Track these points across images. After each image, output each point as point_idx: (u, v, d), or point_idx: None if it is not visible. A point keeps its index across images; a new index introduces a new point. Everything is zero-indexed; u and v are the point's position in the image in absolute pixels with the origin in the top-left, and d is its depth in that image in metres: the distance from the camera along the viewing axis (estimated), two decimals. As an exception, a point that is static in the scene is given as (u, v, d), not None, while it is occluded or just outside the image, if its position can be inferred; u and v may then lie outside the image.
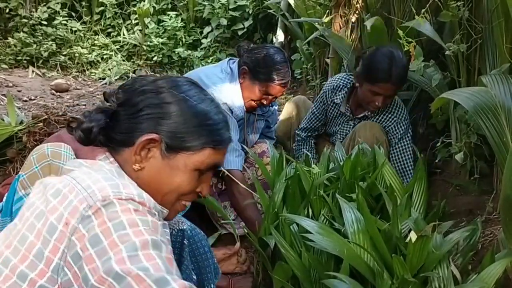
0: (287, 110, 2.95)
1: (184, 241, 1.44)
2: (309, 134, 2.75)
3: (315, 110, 2.71)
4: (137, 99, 1.09)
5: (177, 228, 1.44)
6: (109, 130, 1.09)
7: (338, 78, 2.69)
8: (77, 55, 5.36)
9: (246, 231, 1.96)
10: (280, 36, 4.82)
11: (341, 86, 2.64)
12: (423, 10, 2.10)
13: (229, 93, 2.27)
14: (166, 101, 1.08)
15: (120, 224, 0.89)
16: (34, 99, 4.25)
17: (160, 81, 1.12)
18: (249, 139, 2.48)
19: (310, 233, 1.58)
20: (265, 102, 2.32)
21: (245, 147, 2.27)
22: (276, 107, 2.77)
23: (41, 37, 5.33)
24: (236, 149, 2.17)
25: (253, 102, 2.32)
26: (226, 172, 2.07)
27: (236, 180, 2.07)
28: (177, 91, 1.10)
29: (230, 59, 2.43)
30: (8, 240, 0.96)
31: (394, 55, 2.33)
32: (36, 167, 1.59)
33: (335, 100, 2.63)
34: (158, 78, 1.14)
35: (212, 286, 1.52)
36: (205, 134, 1.10)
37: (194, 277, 1.46)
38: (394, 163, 2.48)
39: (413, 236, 1.45)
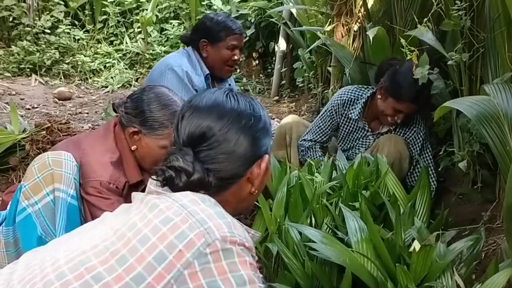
0: (285, 120, 2.93)
1: None
2: (313, 144, 2.65)
3: (321, 124, 2.61)
4: (231, 136, 1.06)
5: None
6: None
7: (348, 92, 2.58)
8: (80, 63, 5.36)
9: None
10: (282, 44, 4.83)
11: (353, 100, 2.54)
12: (425, 19, 2.10)
13: (189, 64, 2.62)
14: (252, 119, 1.09)
15: (241, 278, 0.93)
16: (37, 107, 4.25)
17: (227, 107, 1.09)
18: None
19: (314, 242, 1.57)
20: (236, 57, 2.64)
21: None
22: (233, 83, 3.02)
23: (44, 46, 5.34)
24: None
25: (227, 65, 2.65)
26: None
27: None
28: (246, 101, 1.11)
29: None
30: (104, 256, 0.94)
31: None
32: (38, 177, 1.58)
33: (351, 115, 2.54)
34: (214, 107, 1.08)
35: None
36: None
37: None
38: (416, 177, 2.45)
39: (416, 245, 1.45)
